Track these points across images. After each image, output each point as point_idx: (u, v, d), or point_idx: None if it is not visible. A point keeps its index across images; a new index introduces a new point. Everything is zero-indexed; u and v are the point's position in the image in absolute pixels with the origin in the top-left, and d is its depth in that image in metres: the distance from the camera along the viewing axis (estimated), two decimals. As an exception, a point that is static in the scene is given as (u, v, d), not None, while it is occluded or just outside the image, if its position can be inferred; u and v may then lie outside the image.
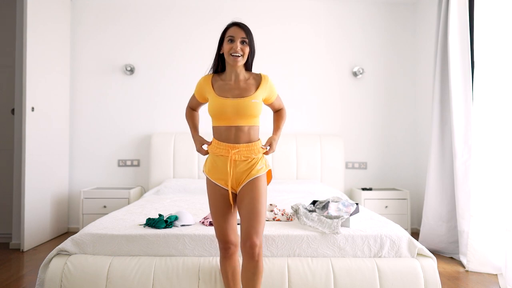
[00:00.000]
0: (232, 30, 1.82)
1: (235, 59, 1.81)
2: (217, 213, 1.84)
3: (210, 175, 1.86)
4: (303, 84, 4.37)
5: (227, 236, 1.83)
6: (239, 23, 1.84)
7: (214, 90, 1.86)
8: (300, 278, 2.02)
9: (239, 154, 1.81)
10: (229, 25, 1.85)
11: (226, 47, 1.82)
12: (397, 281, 2.03)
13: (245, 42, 1.82)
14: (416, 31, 4.43)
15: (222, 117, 1.83)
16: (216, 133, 1.87)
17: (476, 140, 3.08)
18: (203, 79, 1.92)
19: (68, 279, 1.98)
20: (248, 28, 1.84)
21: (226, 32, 1.84)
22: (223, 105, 1.81)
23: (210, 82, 1.89)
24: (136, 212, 2.66)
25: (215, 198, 1.85)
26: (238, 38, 1.80)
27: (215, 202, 1.85)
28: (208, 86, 1.88)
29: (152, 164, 4.13)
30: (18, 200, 3.56)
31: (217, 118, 1.84)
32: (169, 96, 4.33)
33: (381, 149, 4.43)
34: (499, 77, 2.84)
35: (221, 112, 1.81)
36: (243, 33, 1.82)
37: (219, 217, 1.84)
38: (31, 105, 3.46)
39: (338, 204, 2.40)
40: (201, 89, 1.92)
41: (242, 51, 1.81)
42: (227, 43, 1.82)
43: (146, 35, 4.33)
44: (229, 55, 1.81)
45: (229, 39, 1.81)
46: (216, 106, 1.82)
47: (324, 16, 4.41)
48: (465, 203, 3.15)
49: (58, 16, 3.96)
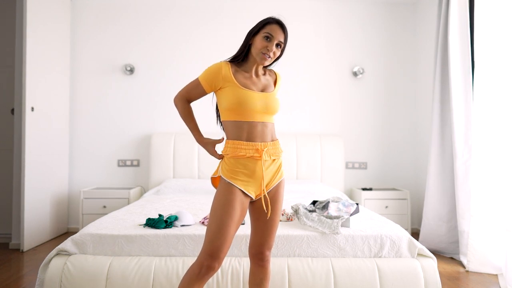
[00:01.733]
0: (272, 28, 1.65)
1: (264, 59, 1.66)
2: (228, 224, 1.54)
3: (235, 181, 1.60)
4: (303, 84, 4.37)
5: (223, 252, 1.54)
6: (282, 23, 1.68)
7: (236, 80, 1.66)
8: (300, 278, 2.01)
9: (267, 153, 1.64)
10: (271, 20, 1.67)
11: (260, 43, 1.65)
12: (397, 281, 2.03)
13: (279, 45, 1.69)
14: (416, 31, 4.42)
15: (247, 111, 1.62)
16: (234, 131, 1.65)
17: (476, 140, 3.08)
18: (224, 64, 1.66)
19: (68, 279, 1.98)
20: (287, 31, 1.70)
21: (264, 26, 1.66)
22: (251, 98, 1.63)
23: (230, 70, 1.66)
24: (136, 212, 2.66)
25: (231, 206, 1.56)
26: (276, 39, 1.65)
27: (231, 210, 1.55)
28: (228, 74, 1.65)
29: (152, 164, 4.13)
30: (18, 200, 3.55)
31: (239, 112, 1.63)
32: (169, 96, 4.32)
33: (381, 149, 4.42)
34: (499, 77, 2.84)
35: (248, 106, 1.62)
36: (283, 36, 1.67)
37: (230, 228, 1.54)
38: (31, 105, 3.46)
39: (338, 204, 2.39)
40: (218, 75, 1.65)
41: (274, 54, 1.67)
42: (262, 39, 1.65)
43: (146, 35, 4.33)
44: (260, 52, 1.65)
45: (266, 36, 1.64)
46: (242, 98, 1.61)
47: (324, 16, 4.41)
48: (465, 203, 3.14)
49: (58, 16, 3.95)
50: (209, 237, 1.54)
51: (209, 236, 1.55)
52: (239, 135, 1.63)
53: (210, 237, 1.54)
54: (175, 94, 1.73)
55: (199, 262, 1.53)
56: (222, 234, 1.53)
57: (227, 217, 1.54)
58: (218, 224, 1.54)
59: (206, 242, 1.55)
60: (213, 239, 1.53)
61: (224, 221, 1.54)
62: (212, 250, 1.52)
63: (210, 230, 1.55)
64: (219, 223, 1.54)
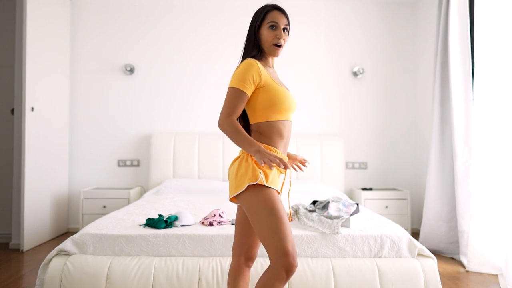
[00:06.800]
0: (274, 15, 1.60)
1: (278, 49, 1.60)
2: (285, 222, 1.46)
3: (275, 186, 1.55)
4: (303, 84, 4.37)
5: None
6: (280, 7, 1.63)
7: (271, 77, 1.58)
8: (300, 278, 2.01)
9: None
10: (269, 8, 1.62)
11: (269, 35, 1.58)
12: (397, 281, 2.03)
13: (286, 29, 1.62)
14: (416, 31, 4.42)
15: (284, 109, 1.57)
16: (269, 132, 1.58)
17: (476, 140, 3.07)
18: (254, 61, 1.55)
19: (68, 279, 1.98)
20: (287, 13, 1.64)
21: (266, 17, 1.60)
22: (287, 95, 1.58)
23: (261, 66, 1.57)
24: (136, 212, 2.66)
25: (279, 206, 1.49)
26: (282, 24, 1.60)
27: (282, 210, 1.49)
28: (264, 71, 1.56)
29: (152, 164, 4.13)
30: (18, 200, 3.56)
31: (279, 110, 1.57)
32: (169, 96, 4.33)
33: (381, 149, 4.42)
34: (500, 77, 2.84)
35: (287, 103, 1.57)
36: (286, 19, 1.61)
37: (288, 227, 1.47)
38: (31, 105, 3.46)
39: (338, 204, 2.39)
40: (257, 72, 1.53)
41: (284, 40, 1.61)
42: (269, 29, 1.58)
43: (146, 35, 4.33)
44: (272, 45, 1.60)
45: (271, 25, 1.58)
46: (281, 95, 1.56)
47: (324, 16, 4.41)
48: (466, 203, 3.14)
49: (58, 16, 3.95)
50: (281, 238, 1.43)
51: (280, 236, 1.43)
52: (275, 139, 1.57)
53: (282, 237, 1.43)
54: (218, 121, 1.54)
55: (284, 266, 1.42)
56: (289, 230, 1.47)
57: (284, 218, 1.48)
58: (285, 228, 1.45)
59: (281, 244, 1.42)
60: (286, 237, 1.43)
61: (284, 223, 1.46)
62: (292, 249, 1.44)
63: (277, 232, 1.44)
64: (285, 227, 1.45)
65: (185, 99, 4.34)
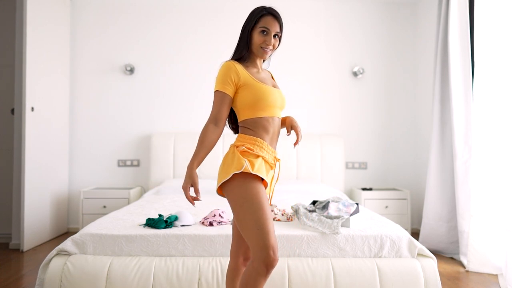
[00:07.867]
0: (267, 21, 1.63)
1: (265, 53, 1.65)
2: (268, 217, 1.50)
3: (260, 173, 1.56)
4: (303, 84, 4.37)
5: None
6: (275, 13, 1.66)
7: (252, 76, 1.63)
8: (300, 278, 2.01)
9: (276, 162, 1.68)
10: (264, 13, 1.64)
11: (259, 39, 1.63)
12: (397, 281, 2.03)
13: (277, 36, 1.68)
14: (416, 31, 4.42)
15: (269, 106, 1.62)
16: (255, 128, 1.62)
17: (476, 140, 3.08)
18: (233, 62, 1.62)
19: (68, 279, 1.98)
20: (282, 20, 1.68)
21: (259, 20, 1.63)
22: (271, 92, 1.62)
23: (241, 67, 1.63)
24: (136, 212, 2.66)
25: (264, 200, 1.52)
26: (273, 31, 1.64)
27: (266, 204, 1.52)
28: (242, 70, 1.62)
29: (152, 164, 4.13)
30: (18, 200, 3.55)
31: (262, 107, 1.61)
32: (169, 96, 4.33)
33: (381, 149, 4.42)
34: (500, 77, 2.84)
35: (270, 100, 1.61)
36: (278, 27, 1.65)
37: (271, 222, 1.50)
38: (31, 105, 3.46)
39: (338, 204, 2.39)
40: (234, 72, 1.59)
41: (273, 46, 1.67)
42: (259, 34, 1.63)
43: (146, 35, 4.33)
44: (260, 47, 1.64)
45: (263, 31, 1.63)
46: (263, 92, 1.60)
47: (324, 16, 4.41)
48: (465, 203, 3.14)
49: (58, 16, 3.95)
50: (264, 232, 1.46)
51: (263, 230, 1.46)
52: (261, 133, 1.62)
53: (265, 231, 1.46)
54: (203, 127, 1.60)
55: (264, 260, 1.44)
56: (271, 225, 1.50)
57: (267, 211, 1.50)
58: (264, 220, 1.48)
59: (262, 238, 1.45)
60: (271, 234, 1.47)
61: (266, 216, 1.49)
62: (274, 243, 1.46)
63: (260, 225, 1.47)
64: (265, 219, 1.48)
65: (185, 99, 4.34)
